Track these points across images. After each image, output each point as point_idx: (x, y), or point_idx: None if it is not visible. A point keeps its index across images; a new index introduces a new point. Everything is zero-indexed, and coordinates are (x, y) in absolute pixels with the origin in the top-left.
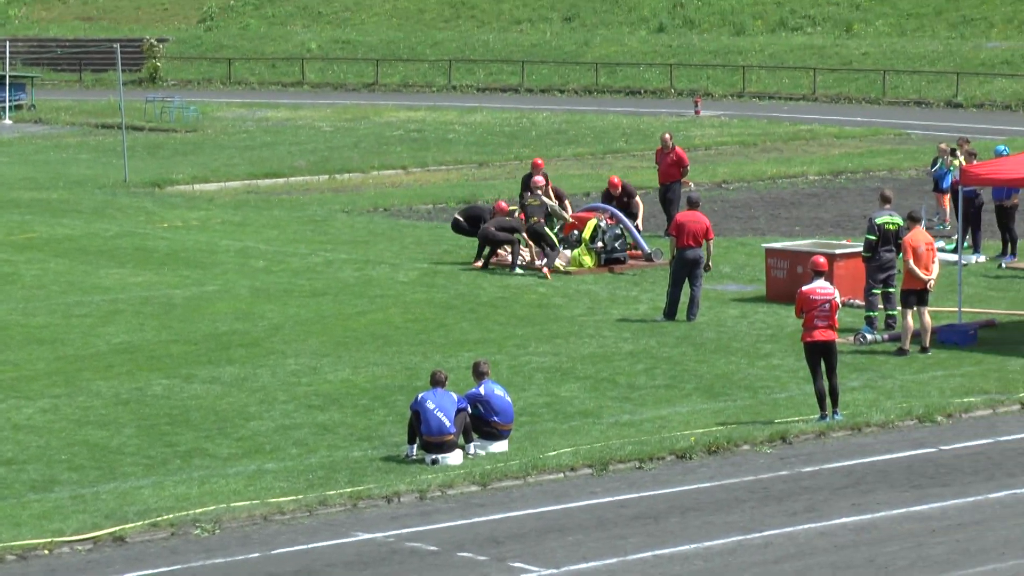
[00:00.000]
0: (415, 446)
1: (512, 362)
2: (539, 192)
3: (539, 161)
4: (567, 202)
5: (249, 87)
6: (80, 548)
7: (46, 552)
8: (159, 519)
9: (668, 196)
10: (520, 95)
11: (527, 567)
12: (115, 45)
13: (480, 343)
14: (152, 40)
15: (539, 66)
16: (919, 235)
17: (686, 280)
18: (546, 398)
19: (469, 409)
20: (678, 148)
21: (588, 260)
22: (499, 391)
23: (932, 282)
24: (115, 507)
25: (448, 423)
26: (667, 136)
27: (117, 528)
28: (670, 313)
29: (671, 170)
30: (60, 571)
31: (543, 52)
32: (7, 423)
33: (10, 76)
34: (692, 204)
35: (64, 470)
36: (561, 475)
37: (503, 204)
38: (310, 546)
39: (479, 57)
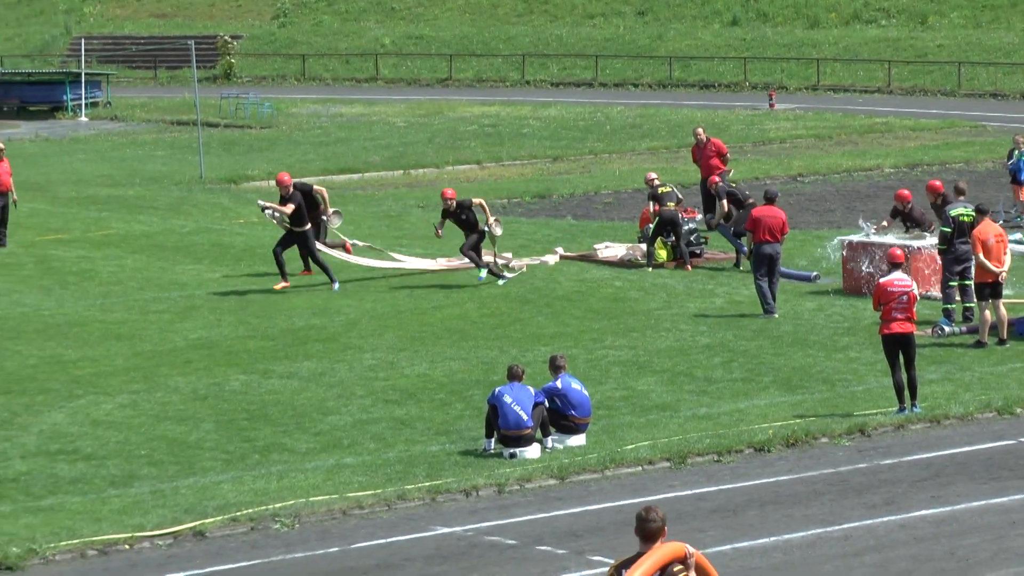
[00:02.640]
0: (493, 440)
1: (588, 356)
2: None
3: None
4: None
5: (323, 83)
6: (160, 543)
7: (127, 547)
8: (238, 514)
9: (711, 190)
10: (594, 89)
11: (606, 560)
12: (190, 42)
13: (556, 337)
14: (226, 37)
15: (613, 60)
16: (988, 228)
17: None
18: (623, 392)
19: (546, 403)
20: (714, 139)
21: (663, 254)
22: (576, 385)
23: (1004, 274)
24: (195, 502)
25: (525, 417)
26: (700, 130)
27: (197, 523)
28: (768, 309)
29: (712, 163)
30: (141, 566)
31: (617, 46)
32: (87, 419)
33: (86, 74)
34: (769, 199)
35: (143, 465)
36: (639, 468)
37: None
38: (389, 540)
39: (552, 52)
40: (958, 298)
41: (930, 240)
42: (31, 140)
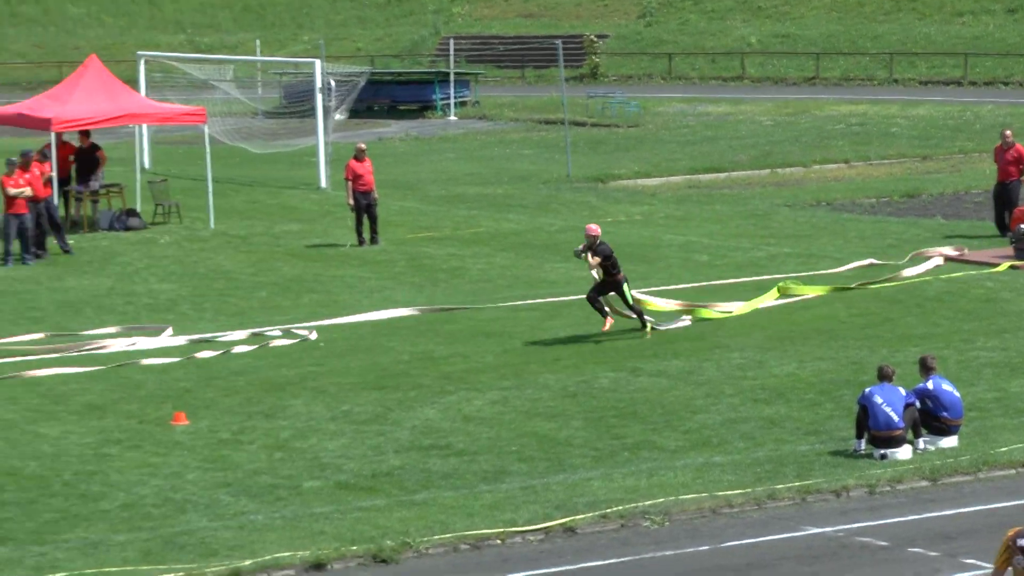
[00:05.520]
0: (863, 441)
1: (959, 357)
2: None
3: None
4: None
5: (689, 82)
6: (532, 538)
7: (499, 542)
8: (609, 511)
9: (1004, 195)
10: (963, 88)
11: (980, 563)
12: (556, 42)
13: (926, 338)
14: (592, 36)
15: (982, 58)
16: None
17: None
18: (995, 393)
19: (917, 404)
20: (1019, 145)
21: None
22: (947, 386)
23: None
24: (565, 498)
25: (896, 418)
26: (1007, 133)
27: (568, 519)
28: None
29: (1009, 168)
30: (513, 560)
31: (986, 44)
32: (458, 414)
33: (455, 73)
34: None
35: (514, 461)
36: (1013, 471)
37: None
38: (759, 539)
39: (921, 50)
40: None
41: None
42: (401, 139)
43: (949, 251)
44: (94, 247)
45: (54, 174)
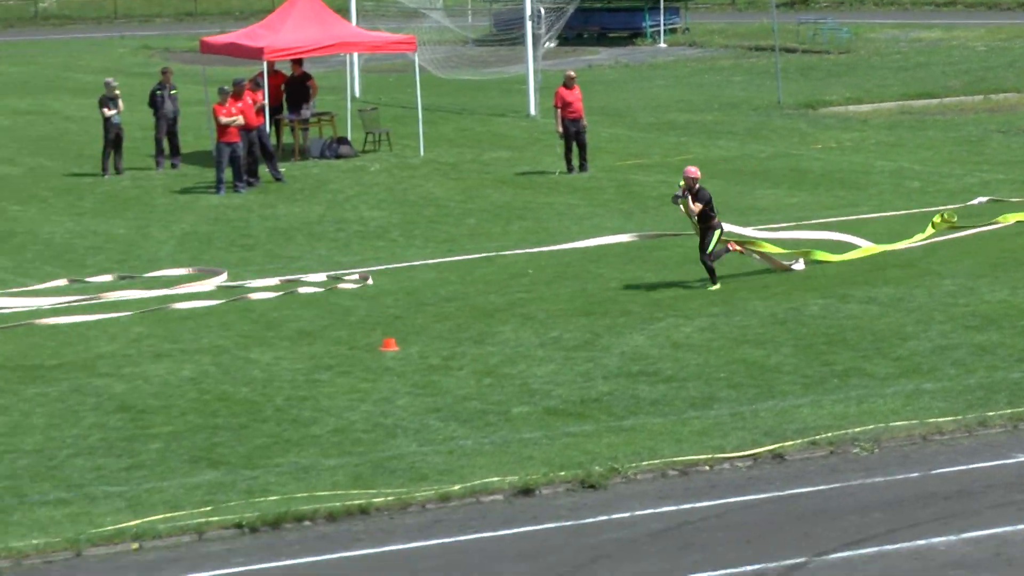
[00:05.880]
0: None
1: None
2: None
3: None
4: None
5: (902, 7)
6: (740, 464)
7: (707, 468)
8: (818, 437)
9: None
10: None
11: None
12: None
13: None
14: None
15: None
16: None
17: None
18: None
19: None
20: None
21: None
22: None
23: None
24: (774, 425)
25: None
26: None
27: (776, 446)
28: None
29: None
30: (720, 487)
31: None
32: (667, 341)
33: (665, 0)
34: None
35: (723, 388)
36: None
37: None
38: (969, 467)
39: None
40: None
41: None
42: (610, 66)
43: None
44: (305, 175)
45: (266, 103)
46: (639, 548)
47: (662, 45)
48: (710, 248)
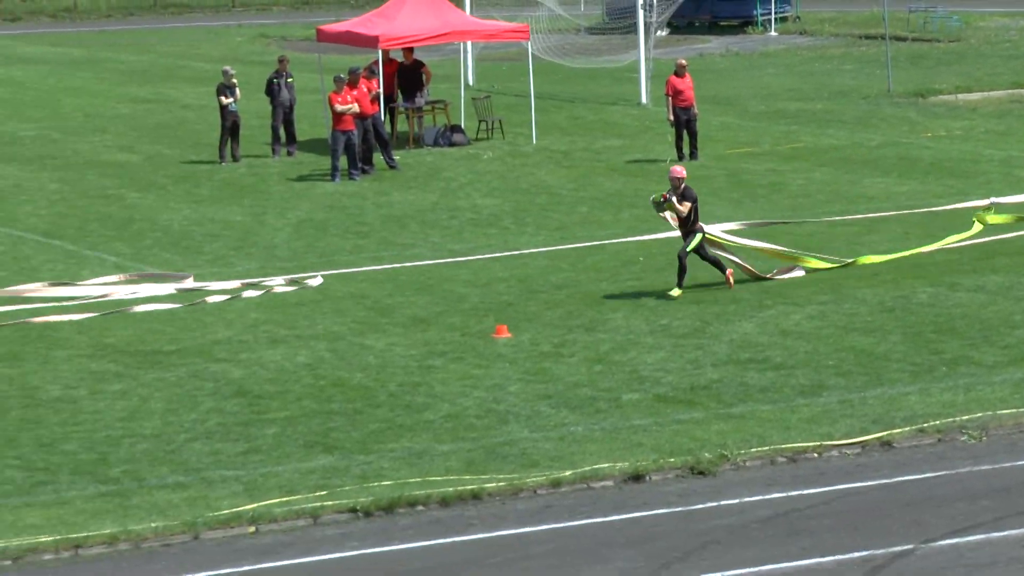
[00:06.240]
0: None
1: None
2: None
3: None
4: None
5: None
6: (848, 452)
7: (816, 455)
8: (926, 425)
9: None
10: None
11: None
12: None
13: None
14: None
15: None
16: None
17: None
18: None
19: None
20: None
21: None
22: None
23: None
24: (882, 412)
25: None
26: None
27: (884, 433)
28: None
29: None
30: (829, 474)
31: None
32: (776, 328)
33: None
34: None
35: (831, 375)
36: None
37: None
38: None
39: None
40: None
41: None
42: (721, 55)
43: None
44: (419, 162)
45: (380, 91)
46: (748, 534)
47: (773, 33)
48: (689, 248)
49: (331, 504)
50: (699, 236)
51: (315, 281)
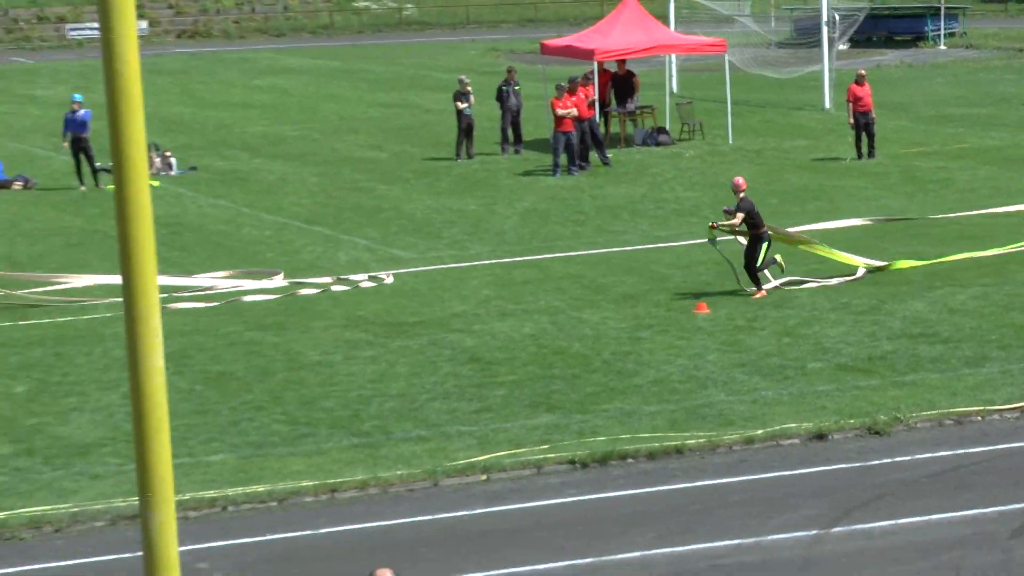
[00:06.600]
0: None
1: None
2: None
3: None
4: None
5: None
6: (1009, 416)
7: (979, 418)
8: None
9: None
10: None
11: None
12: None
13: None
14: None
15: None
16: None
17: None
18: None
19: None
20: None
21: None
22: None
23: None
24: None
25: None
26: None
27: None
28: None
29: None
30: (991, 435)
31: None
32: (944, 307)
33: (945, 7)
34: None
35: (994, 349)
36: None
37: None
38: None
39: None
40: None
41: None
42: (896, 66)
43: None
44: (629, 160)
45: (596, 97)
46: (919, 488)
47: (942, 47)
48: (759, 261)
49: (553, 456)
50: (765, 246)
51: (389, 279)
